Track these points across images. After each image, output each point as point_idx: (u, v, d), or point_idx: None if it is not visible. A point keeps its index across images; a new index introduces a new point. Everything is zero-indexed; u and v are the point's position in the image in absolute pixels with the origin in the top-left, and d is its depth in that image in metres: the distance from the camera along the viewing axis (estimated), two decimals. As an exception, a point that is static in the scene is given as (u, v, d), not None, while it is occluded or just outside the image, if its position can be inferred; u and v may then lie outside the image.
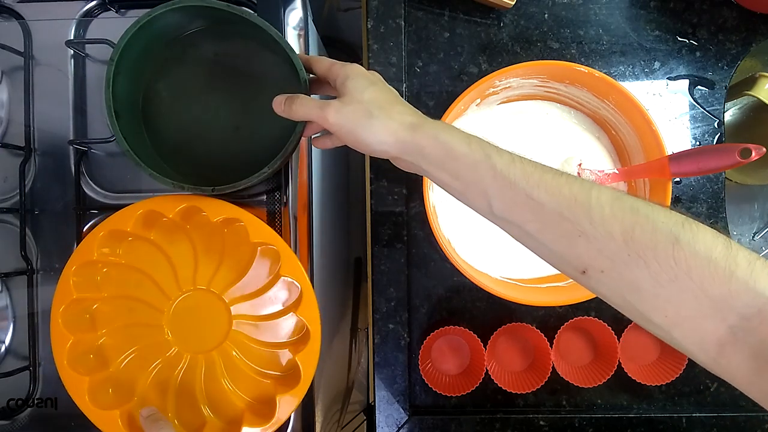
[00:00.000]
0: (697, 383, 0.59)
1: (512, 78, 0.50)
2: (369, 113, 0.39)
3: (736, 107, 0.74)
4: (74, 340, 0.50)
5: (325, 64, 0.44)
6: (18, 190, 0.54)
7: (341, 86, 0.41)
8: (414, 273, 0.58)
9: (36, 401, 0.55)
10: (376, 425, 0.57)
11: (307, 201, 0.56)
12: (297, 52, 0.47)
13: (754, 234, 0.75)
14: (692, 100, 0.59)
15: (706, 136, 0.59)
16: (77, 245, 0.54)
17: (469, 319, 0.58)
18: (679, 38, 0.59)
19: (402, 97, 0.58)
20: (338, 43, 1.14)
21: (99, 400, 0.50)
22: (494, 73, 0.48)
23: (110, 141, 0.54)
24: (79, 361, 0.51)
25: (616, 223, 0.32)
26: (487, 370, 0.55)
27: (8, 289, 0.56)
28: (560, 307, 0.58)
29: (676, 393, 0.59)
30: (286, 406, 0.50)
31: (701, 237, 0.31)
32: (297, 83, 0.47)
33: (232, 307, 0.53)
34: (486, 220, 0.37)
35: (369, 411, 0.59)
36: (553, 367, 0.55)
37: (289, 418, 0.54)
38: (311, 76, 0.47)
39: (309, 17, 0.56)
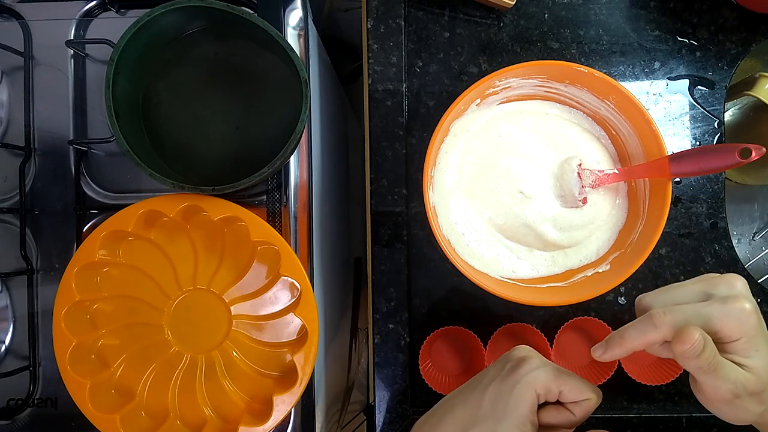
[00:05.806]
0: (697, 383, 0.59)
1: (512, 78, 0.50)
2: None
3: (736, 107, 0.74)
4: (76, 343, 0.50)
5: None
6: (18, 190, 0.54)
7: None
8: (414, 273, 0.58)
9: (36, 401, 0.55)
10: (376, 425, 0.57)
11: (307, 201, 0.56)
12: (297, 52, 0.47)
13: (754, 234, 0.75)
14: (692, 100, 0.59)
15: (706, 136, 0.59)
16: (77, 245, 0.54)
17: (469, 319, 0.58)
18: (679, 38, 0.59)
19: (402, 97, 0.58)
20: (338, 43, 1.15)
21: (101, 403, 0.50)
22: (494, 73, 0.48)
23: (110, 141, 0.54)
24: (82, 363, 0.51)
25: None
26: (487, 370, 0.55)
27: (8, 289, 0.56)
28: (560, 307, 0.58)
29: (676, 393, 0.59)
30: (283, 406, 0.50)
31: None
32: (297, 83, 0.47)
33: (232, 307, 0.53)
34: (485, 220, 0.36)
35: (369, 411, 0.59)
36: (553, 367, 0.55)
37: (289, 418, 0.54)
38: None
39: (309, 17, 0.56)
